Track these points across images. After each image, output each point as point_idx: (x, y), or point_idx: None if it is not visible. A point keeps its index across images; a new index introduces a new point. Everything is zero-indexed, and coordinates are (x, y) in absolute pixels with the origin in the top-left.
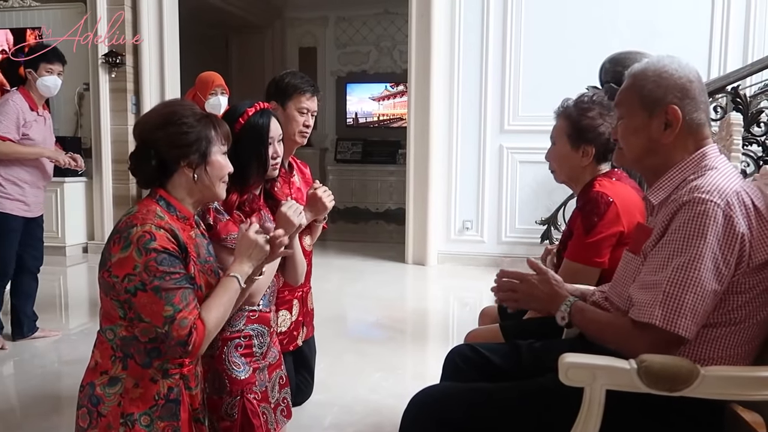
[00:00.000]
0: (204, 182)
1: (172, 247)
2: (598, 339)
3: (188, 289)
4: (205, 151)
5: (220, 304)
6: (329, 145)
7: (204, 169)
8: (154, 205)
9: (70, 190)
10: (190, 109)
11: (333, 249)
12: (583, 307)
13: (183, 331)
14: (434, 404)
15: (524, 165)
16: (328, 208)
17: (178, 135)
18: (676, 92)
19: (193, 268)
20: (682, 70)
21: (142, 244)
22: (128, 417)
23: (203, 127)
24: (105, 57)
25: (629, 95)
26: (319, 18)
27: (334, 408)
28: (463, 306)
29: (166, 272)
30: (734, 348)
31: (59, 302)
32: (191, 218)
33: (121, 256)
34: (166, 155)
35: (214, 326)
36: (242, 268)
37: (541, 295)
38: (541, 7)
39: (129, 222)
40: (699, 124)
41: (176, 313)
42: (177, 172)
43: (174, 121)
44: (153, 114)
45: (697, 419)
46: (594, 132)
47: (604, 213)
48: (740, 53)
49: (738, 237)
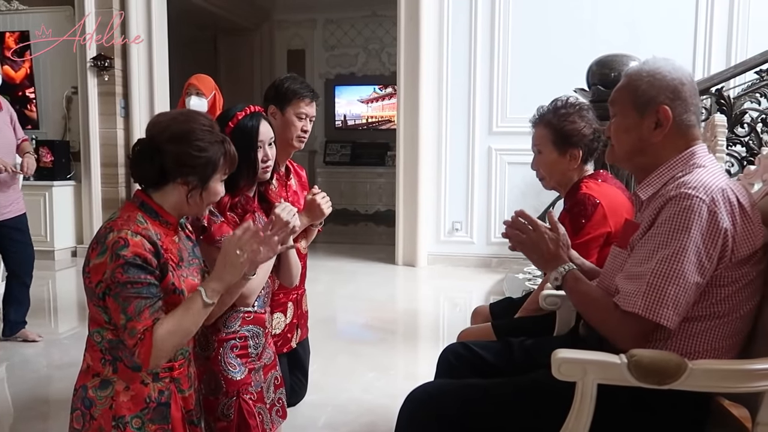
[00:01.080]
0: (195, 203)
1: (146, 255)
2: (581, 309)
3: (148, 299)
4: (207, 177)
5: (175, 319)
6: (318, 148)
7: (200, 193)
8: (136, 211)
9: (58, 193)
10: (210, 129)
11: (323, 251)
12: (579, 277)
13: (131, 341)
14: (430, 400)
15: (513, 166)
16: (326, 214)
17: (187, 155)
18: (668, 93)
19: (172, 275)
20: (675, 72)
21: (116, 249)
22: (120, 420)
23: (214, 153)
24: (93, 60)
25: (623, 94)
26: (307, 20)
27: (328, 408)
28: (454, 306)
29: (129, 281)
30: (719, 341)
31: (48, 306)
32: (174, 223)
33: (97, 262)
34: (170, 167)
35: (162, 340)
36: (211, 284)
37: (545, 249)
38: (529, 11)
39: (108, 228)
40: (688, 126)
41: (127, 322)
42: (173, 184)
43: (188, 140)
44: (172, 123)
45: (683, 412)
46: (578, 135)
47: (591, 214)
48: (724, 55)
49: (721, 232)
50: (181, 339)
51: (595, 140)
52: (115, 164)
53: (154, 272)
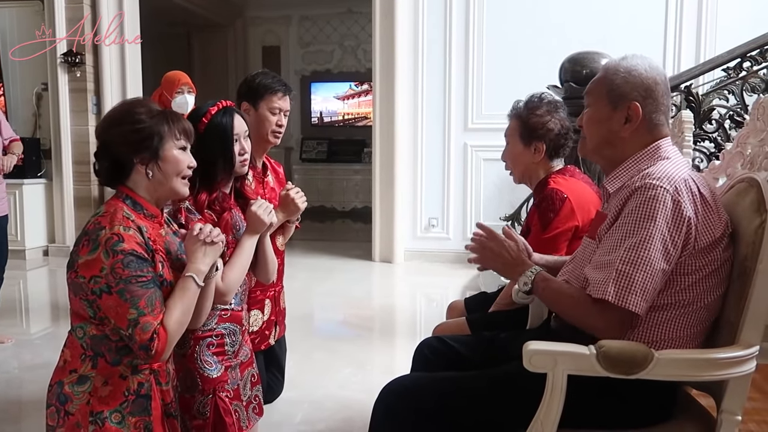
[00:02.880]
0: (158, 179)
1: (140, 249)
2: (557, 309)
3: (155, 293)
4: (156, 147)
5: (180, 306)
6: (294, 145)
7: (157, 165)
8: (121, 204)
9: (29, 191)
10: (146, 106)
11: (300, 248)
12: (547, 278)
13: (145, 336)
14: (406, 393)
15: (488, 162)
16: (301, 209)
17: (129, 132)
18: (640, 91)
19: (161, 265)
20: (650, 71)
21: (110, 246)
22: (98, 415)
23: (155, 124)
24: (64, 56)
25: (598, 87)
26: (281, 17)
27: (305, 405)
28: (430, 302)
29: (132, 275)
30: (684, 330)
31: (20, 307)
32: (159, 216)
33: (89, 258)
34: (120, 153)
35: (175, 330)
36: (198, 267)
37: (508, 258)
38: (503, 8)
39: (97, 223)
40: (657, 124)
41: (140, 316)
42: (133, 169)
43: (126, 119)
44: (110, 113)
45: (651, 400)
46: (543, 129)
47: (559, 209)
48: (693, 53)
49: (685, 220)
50: (184, 326)
51: (561, 136)
52: (88, 162)
53: (152, 264)
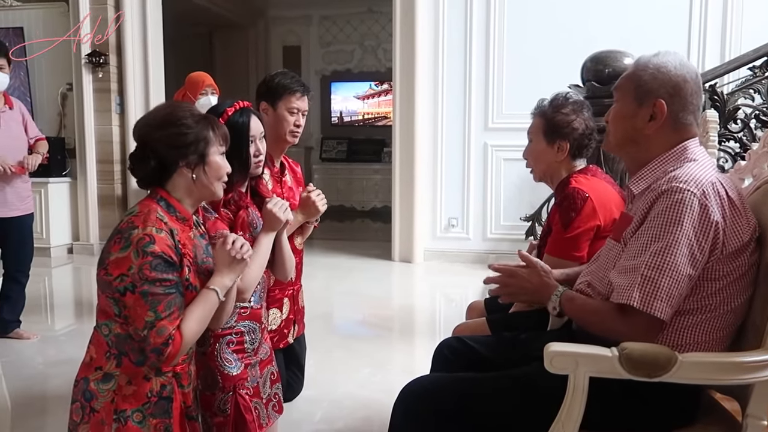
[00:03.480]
0: (203, 182)
1: (170, 252)
2: (586, 326)
3: (176, 298)
4: (203, 152)
5: (199, 318)
6: (314, 144)
7: (203, 169)
8: (155, 205)
9: (54, 190)
10: (189, 110)
11: (319, 247)
12: (572, 296)
13: (159, 339)
14: (426, 394)
15: (508, 162)
16: (321, 211)
17: (176, 136)
18: (668, 88)
19: (188, 270)
20: (681, 69)
21: (142, 246)
22: (121, 413)
23: (201, 128)
24: (88, 57)
25: (627, 82)
26: (302, 17)
27: (324, 403)
28: (449, 302)
29: (157, 278)
30: (709, 334)
31: (44, 303)
32: (190, 219)
33: (119, 256)
34: (165, 156)
35: (190, 338)
36: (222, 281)
37: (530, 287)
38: (524, 6)
39: (131, 222)
40: (684, 124)
41: (157, 320)
42: (176, 172)
43: (173, 122)
44: (153, 115)
45: (674, 403)
46: (568, 127)
47: (580, 208)
48: (718, 51)
49: (712, 225)
50: (199, 335)
51: (585, 136)
52: (111, 161)
53: (178, 269)
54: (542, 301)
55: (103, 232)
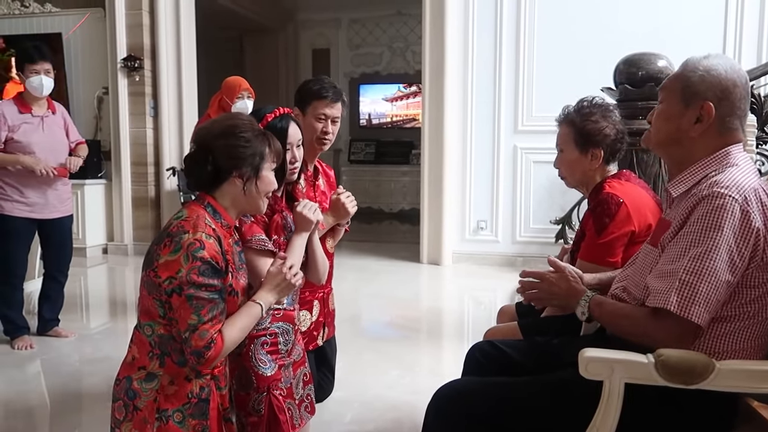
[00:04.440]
0: (252, 195)
1: (218, 258)
2: (617, 330)
3: (218, 304)
4: (258, 166)
5: (242, 327)
6: (343, 146)
7: (254, 183)
8: (203, 212)
9: (90, 192)
10: (251, 124)
11: (348, 249)
12: (601, 301)
13: (201, 342)
14: (459, 398)
15: (538, 165)
16: (351, 213)
17: (236, 147)
18: (717, 92)
19: (231, 276)
20: (731, 73)
21: (192, 251)
22: (163, 412)
23: (260, 144)
24: (124, 61)
25: (674, 82)
26: (331, 20)
27: (355, 404)
28: (478, 305)
29: (203, 283)
30: (748, 342)
31: (80, 302)
32: (232, 225)
33: (169, 259)
34: (222, 164)
35: (231, 344)
36: (268, 298)
37: (559, 292)
38: (555, 8)
39: (181, 227)
40: (731, 129)
41: (200, 324)
42: (228, 181)
43: (234, 133)
44: (216, 123)
45: (711, 411)
46: (600, 135)
47: (614, 214)
48: (755, 52)
49: (753, 231)
50: (238, 342)
51: (617, 141)
52: (145, 163)
53: (224, 275)
54: (571, 306)
55: (137, 233)
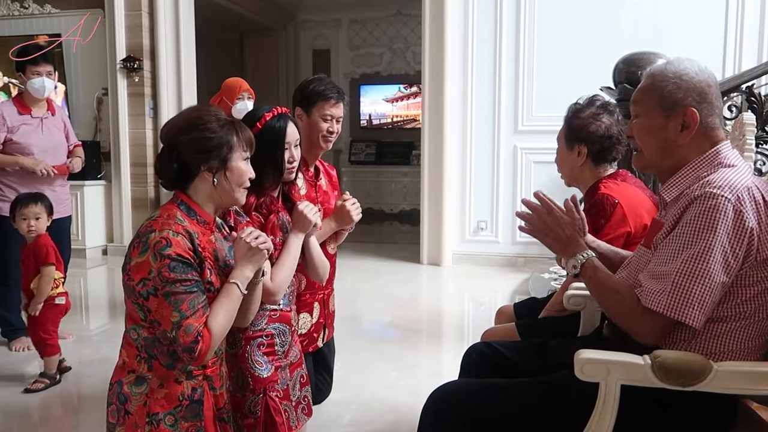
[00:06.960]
0: (223, 187)
1: (187, 254)
2: (600, 300)
3: (198, 296)
4: (225, 157)
5: (225, 312)
6: (343, 147)
7: (224, 174)
8: (175, 209)
9: (89, 192)
10: (215, 115)
11: (348, 250)
12: (598, 266)
13: (188, 338)
14: (455, 399)
15: (538, 165)
16: (355, 220)
17: (200, 140)
18: (695, 95)
19: (210, 272)
20: (701, 74)
21: (158, 249)
22: (153, 416)
23: (225, 133)
24: (123, 62)
25: (647, 95)
26: (331, 20)
27: (353, 406)
28: (478, 305)
29: (177, 279)
30: (744, 342)
31: (80, 303)
32: (211, 223)
33: (139, 261)
34: (188, 159)
35: (219, 333)
36: (242, 273)
37: (561, 235)
38: (554, 8)
39: (149, 227)
40: (713, 128)
41: (182, 319)
42: (198, 176)
43: (197, 126)
44: (179, 118)
45: (708, 413)
46: (584, 131)
47: (610, 215)
48: (755, 52)
49: (747, 231)
50: (227, 330)
51: (605, 139)
52: (144, 164)
53: (197, 269)
54: (563, 254)
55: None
